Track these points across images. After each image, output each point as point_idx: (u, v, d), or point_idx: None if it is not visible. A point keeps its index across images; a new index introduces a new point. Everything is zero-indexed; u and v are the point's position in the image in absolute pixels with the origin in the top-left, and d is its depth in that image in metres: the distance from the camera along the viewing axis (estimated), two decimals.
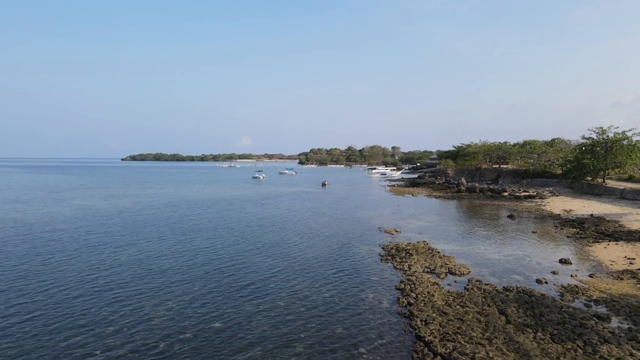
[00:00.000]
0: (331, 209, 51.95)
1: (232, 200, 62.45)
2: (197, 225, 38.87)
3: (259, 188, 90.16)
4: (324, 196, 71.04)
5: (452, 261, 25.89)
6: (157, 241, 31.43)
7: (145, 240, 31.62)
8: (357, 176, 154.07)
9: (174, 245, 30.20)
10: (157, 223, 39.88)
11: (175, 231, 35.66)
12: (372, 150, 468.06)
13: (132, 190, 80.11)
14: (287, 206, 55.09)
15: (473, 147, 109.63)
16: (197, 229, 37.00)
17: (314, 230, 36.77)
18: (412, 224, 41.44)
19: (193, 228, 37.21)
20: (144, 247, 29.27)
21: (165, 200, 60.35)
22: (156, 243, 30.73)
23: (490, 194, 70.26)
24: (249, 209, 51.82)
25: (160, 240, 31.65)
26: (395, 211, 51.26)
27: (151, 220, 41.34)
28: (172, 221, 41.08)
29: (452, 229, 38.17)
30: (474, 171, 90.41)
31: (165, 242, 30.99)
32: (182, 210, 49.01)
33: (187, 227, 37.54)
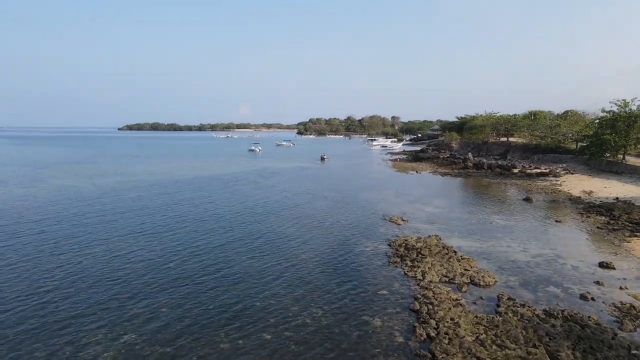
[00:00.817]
0: (331, 191, 47.89)
1: (226, 179, 58.28)
2: (183, 213, 34.82)
3: (255, 163, 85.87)
4: (323, 174, 66.87)
5: (473, 265, 22.00)
6: (133, 237, 27.43)
7: (120, 236, 27.62)
8: (356, 148, 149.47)
9: (149, 242, 26.20)
10: (139, 210, 35.83)
11: (156, 222, 31.64)
12: (372, 120, 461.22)
13: (120, 166, 75.78)
14: (284, 187, 50.97)
15: (479, 119, 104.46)
16: (182, 218, 32.96)
17: (313, 220, 32.76)
18: (419, 210, 37.47)
19: (177, 218, 33.17)
20: (114, 247, 25.28)
21: (153, 180, 56.17)
22: (130, 240, 26.74)
23: (499, 171, 66.08)
24: (243, 191, 47.73)
25: (136, 236, 27.65)
26: (399, 192, 47.24)
27: (133, 207, 37.28)
28: (155, 208, 37.02)
29: (464, 217, 34.21)
30: (481, 145, 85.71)
31: (140, 239, 26.98)
32: (169, 193, 44.90)
33: (170, 217, 33.50)
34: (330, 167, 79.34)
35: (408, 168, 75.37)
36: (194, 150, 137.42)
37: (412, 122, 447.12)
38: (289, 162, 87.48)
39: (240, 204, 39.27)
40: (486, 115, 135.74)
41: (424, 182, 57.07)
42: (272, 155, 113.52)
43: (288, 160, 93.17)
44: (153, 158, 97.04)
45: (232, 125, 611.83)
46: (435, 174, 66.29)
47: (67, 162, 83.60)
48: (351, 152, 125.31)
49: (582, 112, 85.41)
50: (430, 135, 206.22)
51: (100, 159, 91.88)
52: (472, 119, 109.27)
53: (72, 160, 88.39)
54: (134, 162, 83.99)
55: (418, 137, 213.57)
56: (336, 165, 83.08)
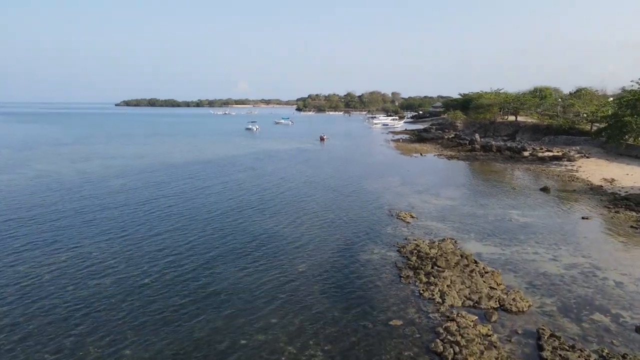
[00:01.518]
0: (331, 179, 44.48)
1: (220, 164, 54.74)
2: (168, 210, 31.45)
3: (251, 143, 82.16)
4: (323, 157, 63.31)
5: (499, 281, 18.80)
6: (107, 243, 24.15)
7: (94, 238, 24.35)
8: (357, 127, 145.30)
9: (125, 248, 22.92)
10: (121, 203, 32.48)
11: (138, 219, 28.35)
12: (372, 96, 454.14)
13: (110, 148, 72.05)
14: (281, 174, 47.52)
15: (486, 97, 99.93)
16: (166, 216, 29.61)
17: (313, 218, 29.44)
18: (428, 202, 34.16)
19: (161, 215, 29.82)
20: (84, 253, 22.02)
21: (142, 165, 52.63)
22: (103, 245, 23.46)
23: (509, 154, 62.50)
24: (238, 179, 44.28)
25: (111, 241, 24.37)
26: (405, 180, 43.86)
27: (116, 199, 33.91)
28: (140, 200, 33.65)
29: (479, 213, 30.92)
30: (488, 125, 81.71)
31: (115, 244, 23.70)
32: (156, 183, 41.46)
33: (153, 215, 30.14)
34: (330, 148, 75.69)
35: (412, 150, 71.78)
36: (189, 128, 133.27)
37: (412, 98, 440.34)
38: (287, 143, 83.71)
39: (233, 197, 35.86)
40: (491, 92, 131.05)
41: (430, 167, 53.62)
42: (269, 134, 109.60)
43: (286, 141, 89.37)
44: (146, 138, 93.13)
45: (230, 101, 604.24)
46: (440, 157, 62.79)
47: (54, 142, 79.78)
48: (351, 131, 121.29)
49: (596, 90, 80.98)
50: (432, 112, 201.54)
51: (90, 139, 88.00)
52: (477, 97, 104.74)
53: (60, 140, 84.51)
54: (126, 143, 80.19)
55: (419, 115, 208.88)
56: (336, 146, 79.40)
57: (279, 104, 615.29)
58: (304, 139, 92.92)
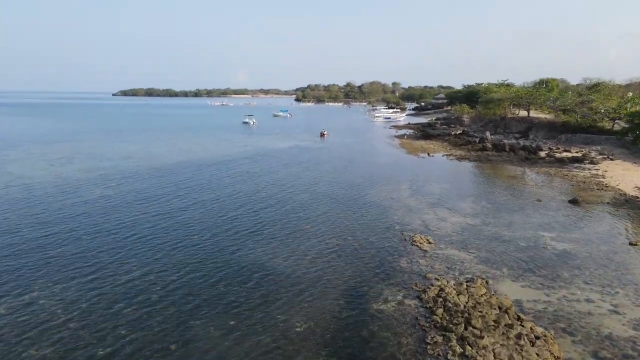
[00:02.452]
0: (334, 187, 39.99)
1: (212, 167, 50.16)
2: (144, 235, 27.04)
3: (248, 141, 77.44)
4: (322, 157, 58.72)
5: (555, 351, 14.45)
6: (74, 281, 19.75)
7: (48, 285, 19.94)
8: (358, 120, 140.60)
9: (92, 285, 18.55)
10: (93, 226, 28.03)
11: (104, 247, 23.95)
12: (372, 86, 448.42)
13: (96, 146, 67.31)
14: (277, 179, 43.06)
15: (494, 89, 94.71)
16: (139, 245, 25.20)
17: (312, 245, 25.03)
18: (445, 220, 29.77)
19: (134, 243, 25.40)
20: (35, 308, 17.64)
21: (127, 169, 48.03)
22: (69, 283, 19.06)
23: (523, 155, 57.97)
24: (226, 185, 39.85)
25: (75, 276, 19.96)
26: (414, 188, 39.45)
27: (86, 220, 29.44)
28: (110, 221, 29.20)
29: (506, 236, 26.54)
30: (498, 121, 76.86)
31: (81, 278, 19.30)
32: (138, 193, 36.96)
33: (127, 240, 25.74)
34: (331, 146, 71.11)
35: (418, 148, 67.23)
36: (183, 122, 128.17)
37: (412, 88, 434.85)
38: (285, 140, 79.05)
39: (219, 213, 31.42)
40: (498, 84, 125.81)
41: (440, 171, 49.13)
42: (267, 129, 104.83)
43: (284, 137, 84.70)
44: (136, 134, 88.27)
45: (229, 90, 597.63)
46: (450, 158, 58.30)
47: (38, 139, 74.92)
48: (352, 125, 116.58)
49: (613, 82, 76.13)
50: (434, 104, 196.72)
51: (78, 135, 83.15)
52: (485, 90, 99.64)
53: (45, 137, 79.61)
54: (114, 140, 75.40)
55: (421, 107, 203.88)
56: (337, 143, 74.78)
57: (278, 93, 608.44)
58: (303, 135, 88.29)
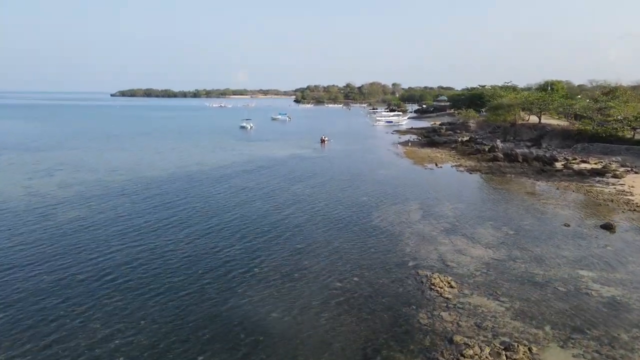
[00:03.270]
0: (334, 207, 36.05)
1: (202, 181, 46.28)
2: (113, 276, 23.16)
3: (244, 148, 73.48)
4: (322, 168, 54.75)
5: None
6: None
7: None
8: (359, 123, 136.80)
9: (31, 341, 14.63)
10: (60, 255, 24.12)
11: (75, 283, 20.04)
12: (372, 87, 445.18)
13: (83, 154, 63.32)
14: (271, 195, 39.15)
15: (501, 93, 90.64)
16: (107, 288, 21.32)
17: (308, 295, 21.14)
18: (465, 253, 25.89)
19: (98, 288, 21.51)
20: None
21: (109, 184, 44.07)
22: None
23: (538, 166, 54.10)
24: (215, 209, 35.95)
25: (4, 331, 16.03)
26: (426, 208, 35.57)
27: (52, 250, 25.53)
28: (84, 249, 25.29)
29: (539, 276, 22.69)
30: (508, 128, 72.83)
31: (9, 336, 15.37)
32: (114, 219, 33.03)
33: (93, 275, 21.85)
34: (332, 155, 67.21)
35: (424, 158, 63.36)
36: (179, 125, 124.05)
37: (412, 89, 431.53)
38: (283, 147, 75.15)
39: (208, 250, 27.50)
40: (503, 86, 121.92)
41: (451, 186, 45.21)
42: (265, 134, 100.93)
43: (282, 143, 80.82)
44: (128, 140, 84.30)
45: (228, 91, 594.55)
46: (460, 169, 54.41)
47: (22, 146, 70.89)
48: (353, 130, 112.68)
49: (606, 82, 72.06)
50: (436, 106, 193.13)
51: (68, 141, 79.13)
52: (491, 94, 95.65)
53: (31, 143, 75.58)
54: (105, 148, 71.38)
55: (423, 109, 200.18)
56: (338, 152, 70.88)
57: (277, 94, 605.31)
58: (303, 141, 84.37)
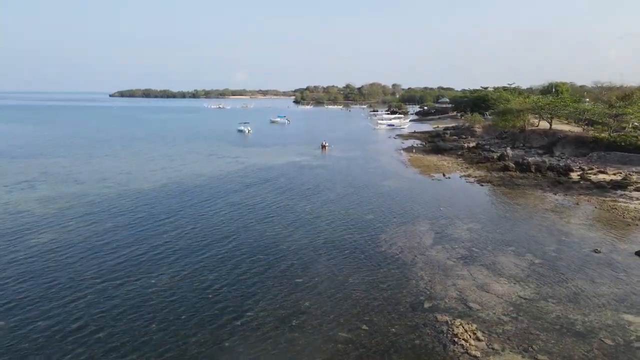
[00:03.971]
0: (337, 228, 32.75)
1: (189, 198, 43.00)
2: (89, 313, 19.83)
3: (240, 155, 70.11)
4: (322, 178, 51.38)
5: None
6: None
7: None
8: (359, 126, 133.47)
9: None
10: (18, 290, 20.78)
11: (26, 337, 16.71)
12: (372, 88, 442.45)
13: (70, 162, 59.99)
14: (268, 220, 35.85)
15: (505, 95, 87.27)
16: (76, 330, 17.98)
17: (309, 353, 17.84)
18: (487, 289, 22.59)
19: (64, 331, 18.17)
20: None
21: (94, 199, 40.77)
22: None
23: (553, 177, 50.76)
24: (204, 230, 32.64)
25: None
26: (438, 230, 32.26)
27: (15, 277, 22.18)
28: (39, 300, 21.95)
29: (578, 321, 19.40)
30: (517, 134, 69.50)
31: None
32: (94, 243, 29.73)
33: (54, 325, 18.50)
34: (333, 162, 63.90)
35: (430, 166, 60.06)
36: (175, 128, 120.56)
37: (412, 90, 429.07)
38: (282, 154, 71.88)
39: (194, 279, 24.17)
40: (507, 88, 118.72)
41: (463, 200, 41.86)
42: (263, 138, 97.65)
43: (281, 149, 77.53)
44: (122, 145, 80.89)
45: (227, 91, 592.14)
46: (469, 179, 51.10)
47: (8, 152, 67.49)
48: (354, 134, 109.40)
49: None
50: (438, 108, 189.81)
51: (57, 147, 75.75)
52: (497, 97, 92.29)
53: (19, 149, 72.17)
54: (95, 154, 68.01)
55: (424, 111, 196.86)
56: (339, 158, 67.60)
57: (277, 94, 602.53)
58: (302, 147, 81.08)
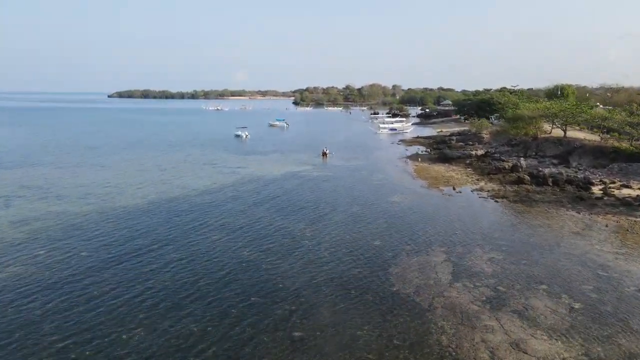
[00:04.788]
0: (341, 258, 28.84)
1: (183, 214, 39.07)
2: None
3: (235, 165, 66.15)
4: (325, 195, 47.43)
5: None
6: None
7: None
8: (360, 130, 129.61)
9: None
10: None
11: None
12: (372, 89, 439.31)
13: (53, 173, 56.05)
14: (262, 243, 31.91)
15: (513, 100, 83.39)
16: None
17: None
18: (523, 346, 18.70)
19: None
20: None
21: (72, 219, 36.85)
22: None
23: (573, 191, 46.88)
24: (191, 263, 28.69)
25: None
26: (453, 259, 28.36)
27: None
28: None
29: None
30: (528, 142, 65.38)
31: None
32: (67, 272, 25.75)
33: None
34: (335, 172, 59.95)
35: (438, 178, 56.15)
36: (170, 133, 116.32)
37: (412, 90, 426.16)
38: (280, 162, 68.02)
39: (173, 334, 20.23)
40: (513, 91, 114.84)
41: (479, 221, 37.83)
42: (261, 144, 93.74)
43: (280, 158, 73.63)
44: (112, 152, 76.91)
45: (226, 92, 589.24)
46: (481, 194, 47.16)
47: None
48: (356, 139, 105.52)
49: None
50: (440, 111, 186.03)
51: (42, 155, 71.79)
52: (505, 102, 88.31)
53: (2, 158, 68.24)
54: (81, 164, 64.05)
55: (426, 113, 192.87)
56: (341, 168, 63.64)
57: (276, 95, 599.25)
58: (302, 154, 77.19)
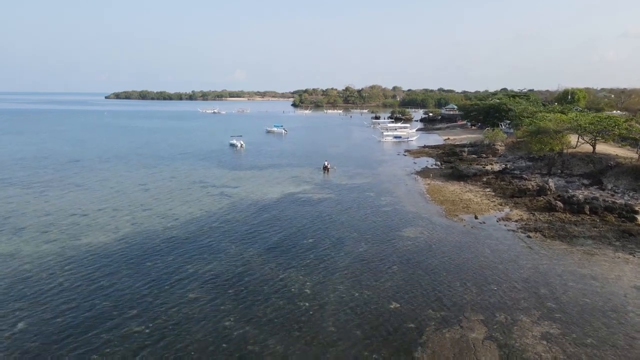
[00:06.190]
0: (350, 330, 22.27)
1: (158, 254, 32.49)
2: None
3: (228, 182, 59.55)
4: (328, 224, 40.82)
5: None
6: None
7: None
8: (362, 138, 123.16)
9: None
10: None
11: None
12: (372, 90, 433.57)
13: (19, 194, 49.50)
14: (251, 307, 25.34)
15: (532, 108, 76.81)
16: None
17: None
18: None
19: None
20: None
21: (28, 258, 30.30)
22: None
23: (615, 221, 40.47)
24: (156, 330, 22.11)
25: None
26: (498, 336, 21.82)
27: None
28: None
29: None
30: (554, 158, 58.58)
31: None
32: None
33: None
34: (337, 194, 53.31)
35: (455, 201, 49.54)
36: (161, 142, 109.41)
37: (413, 92, 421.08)
38: (277, 180, 61.49)
39: None
40: (524, 95, 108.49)
41: (514, 269, 31.25)
42: (257, 155, 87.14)
43: (276, 173, 67.06)
44: (93, 168, 70.29)
45: (224, 93, 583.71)
46: (509, 225, 40.66)
47: None
48: (358, 149, 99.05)
49: None
50: (444, 115, 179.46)
51: (14, 171, 65.28)
52: (520, 111, 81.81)
53: None
54: (54, 183, 57.43)
55: (430, 117, 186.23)
56: (345, 187, 56.98)
57: (275, 96, 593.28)
58: (301, 169, 70.70)
